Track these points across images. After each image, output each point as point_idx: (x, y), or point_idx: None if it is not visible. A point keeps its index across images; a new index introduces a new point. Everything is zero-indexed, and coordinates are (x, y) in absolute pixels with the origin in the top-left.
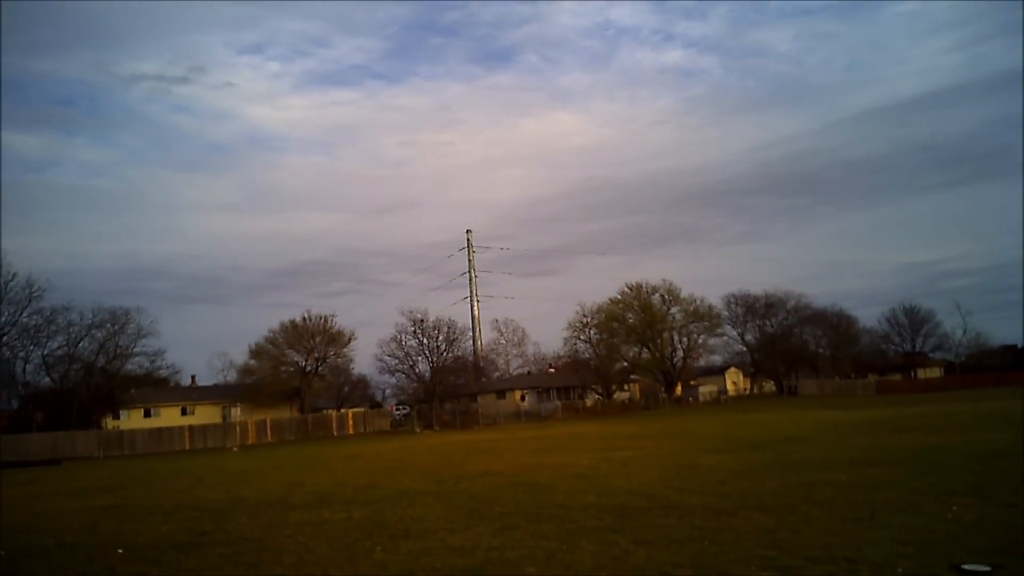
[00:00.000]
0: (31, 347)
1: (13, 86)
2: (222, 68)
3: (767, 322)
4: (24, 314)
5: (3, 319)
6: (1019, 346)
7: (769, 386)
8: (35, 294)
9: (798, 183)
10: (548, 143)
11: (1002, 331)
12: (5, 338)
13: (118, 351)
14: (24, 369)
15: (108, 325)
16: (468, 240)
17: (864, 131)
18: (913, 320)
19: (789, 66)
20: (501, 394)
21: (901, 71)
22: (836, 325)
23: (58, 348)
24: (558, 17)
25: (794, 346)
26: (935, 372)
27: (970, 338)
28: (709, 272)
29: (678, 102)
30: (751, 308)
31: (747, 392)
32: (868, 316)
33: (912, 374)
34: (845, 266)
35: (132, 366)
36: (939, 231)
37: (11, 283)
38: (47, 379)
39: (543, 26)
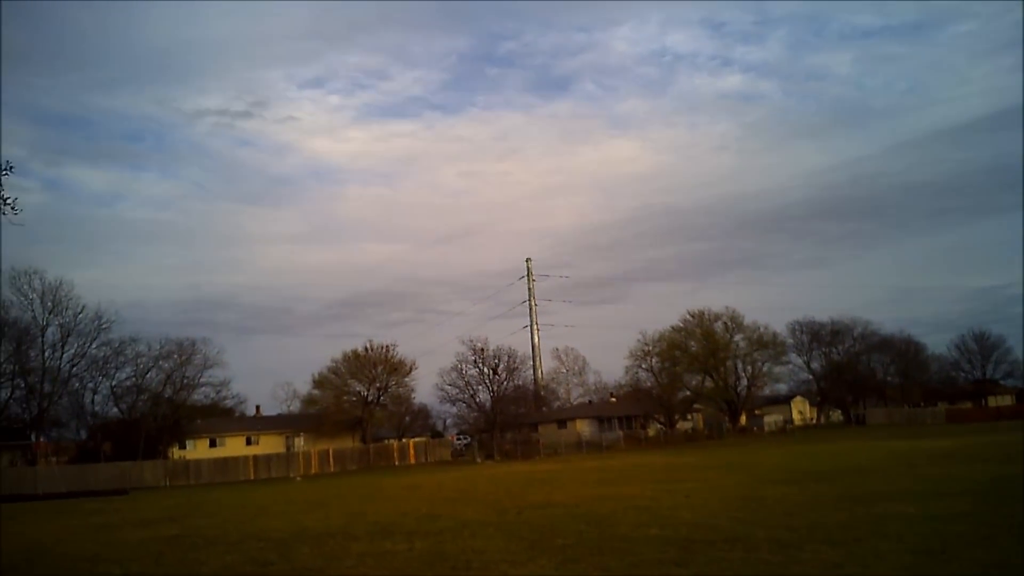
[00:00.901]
0: (100, 378)
1: (81, 123)
2: (284, 102)
3: (833, 349)
4: (93, 346)
5: (73, 351)
6: None
7: (836, 415)
8: (103, 326)
9: (861, 207)
10: (606, 170)
11: None
12: (75, 369)
13: (184, 382)
14: (93, 400)
15: (175, 356)
16: (528, 268)
17: (927, 153)
18: (983, 346)
19: (849, 89)
20: (562, 424)
21: (963, 92)
22: (904, 352)
23: (126, 379)
24: (614, 45)
25: (861, 374)
26: (1007, 400)
27: None
28: (772, 299)
29: (737, 127)
30: (816, 335)
31: (814, 422)
32: (937, 343)
33: (983, 402)
34: (912, 292)
35: (198, 396)
36: (1007, 255)
37: (80, 315)
38: (115, 410)
39: (599, 54)
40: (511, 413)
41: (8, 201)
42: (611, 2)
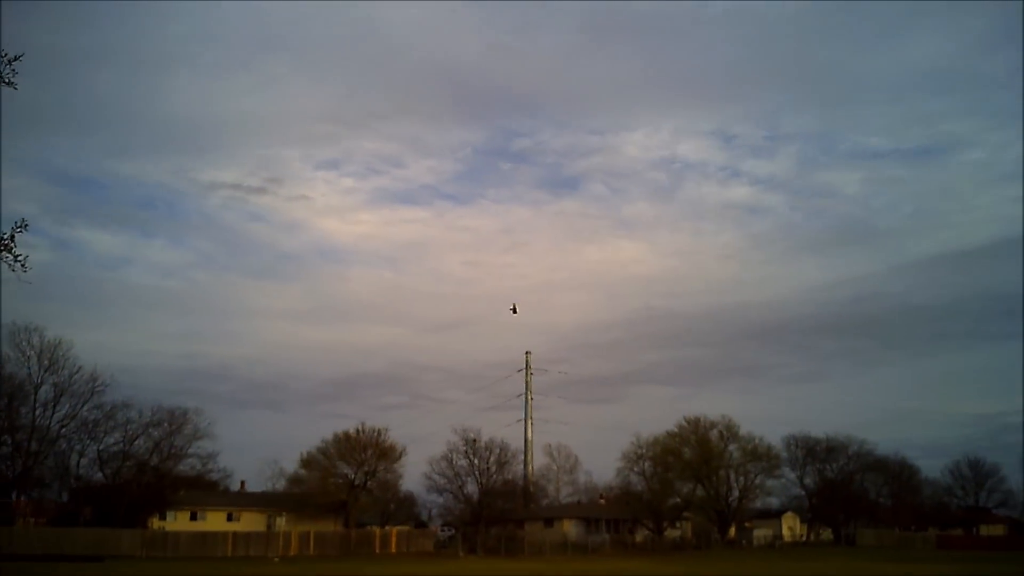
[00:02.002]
0: (87, 441)
1: (96, 185)
2: (298, 181)
3: (827, 466)
4: (85, 408)
5: (64, 411)
6: None
7: (826, 534)
8: (97, 388)
9: (861, 326)
10: (610, 270)
11: None
12: (64, 430)
13: (172, 451)
14: (78, 463)
15: (165, 424)
16: (527, 361)
17: (930, 277)
18: (977, 474)
19: (856, 208)
20: (549, 522)
21: (968, 219)
22: (898, 474)
23: (114, 444)
24: (625, 149)
25: (854, 493)
26: (999, 529)
27: None
28: (769, 410)
29: (743, 237)
30: (811, 451)
31: (803, 539)
32: (931, 467)
33: (975, 530)
34: (908, 413)
35: (184, 467)
36: (1005, 383)
37: (76, 375)
38: (100, 474)
39: (610, 157)
40: (498, 508)
41: (20, 259)
42: (625, 108)
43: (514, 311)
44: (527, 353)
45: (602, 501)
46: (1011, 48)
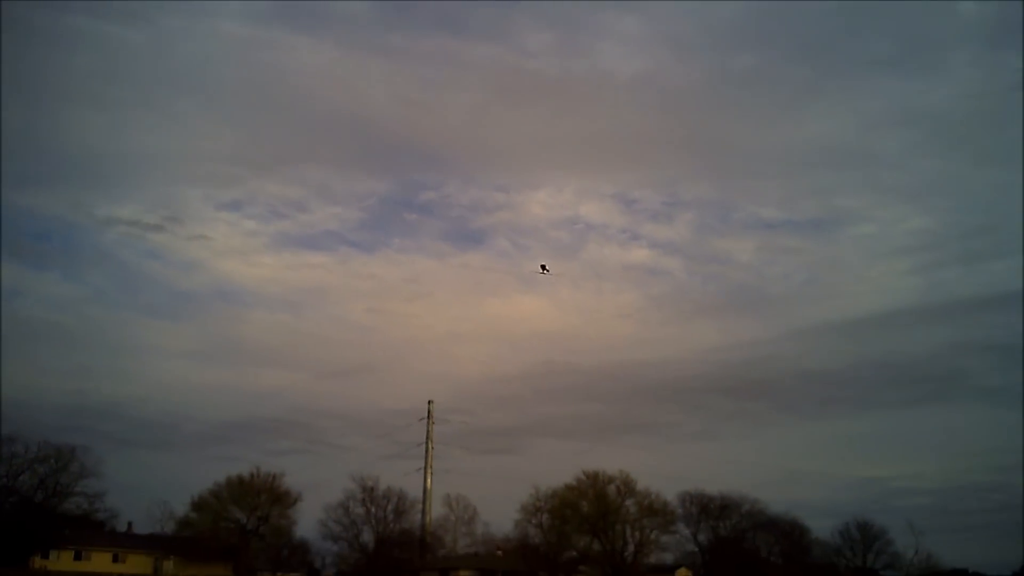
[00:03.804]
0: None
1: None
2: (198, 221)
3: (721, 523)
4: None
5: None
6: (970, 571)
7: None
8: None
9: (755, 388)
10: (513, 324)
11: (952, 554)
12: None
13: (58, 488)
14: None
15: (52, 461)
16: (429, 410)
17: (821, 344)
18: (866, 536)
19: (750, 275)
20: (444, 573)
21: (859, 289)
22: (789, 533)
23: None
24: (530, 207)
25: (746, 551)
26: None
27: (921, 559)
28: (665, 467)
29: (642, 298)
30: (706, 508)
31: None
32: (821, 528)
33: None
34: (800, 475)
35: (70, 505)
36: (893, 448)
37: None
38: None
39: (515, 214)
40: (394, 557)
41: None
42: (531, 167)
43: (544, 270)
44: (429, 402)
45: (499, 552)
46: (901, 128)
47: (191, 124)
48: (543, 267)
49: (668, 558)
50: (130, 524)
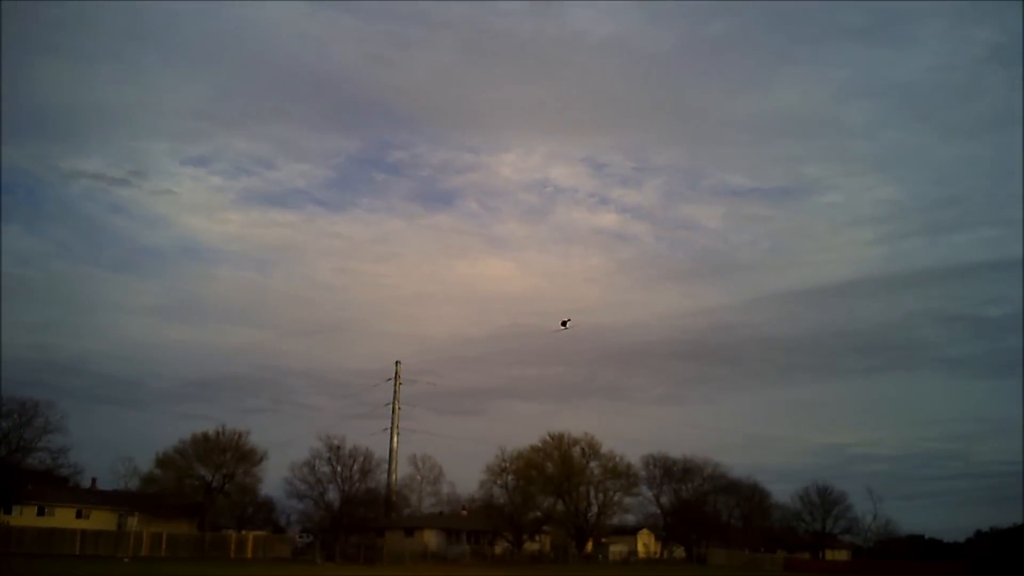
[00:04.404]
0: None
1: None
2: (164, 175)
3: (683, 486)
4: None
5: None
6: (926, 537)
7: (679, 552)
8: None
9: (719, 354)
10: (480, 286)
11: (910, 520)
12: None
13: (21, 443)
14: None
15: (15, 415)
16: (396, 371)
17: (785, 311)
18: (825, 500)
19: (716, 242)
20: (410, 532)
21: (824, 258)
22: (749, 497)
23: None
24: (500, 169)
25: (707, 514)
26: (843, 554)
27: (879, 524)
28: (630, 430)
29: (609, 262)
30: (668, 471)
31: (657, 555)
32: (782, 492)
33: (820, 554)
34: (762, 440)
35: (33, 460)
36: (854, 415)
37: None
38: None
39: (485, 176)
40: (359, 516)
41: None
42: (501, 129)
43: (565, 326)
44: (397, 363)
45: (464, 513)
46: (870, 99)
47: (158, 78)
48: (564, 323)
49: (630, 520)
50: (94, 480)
